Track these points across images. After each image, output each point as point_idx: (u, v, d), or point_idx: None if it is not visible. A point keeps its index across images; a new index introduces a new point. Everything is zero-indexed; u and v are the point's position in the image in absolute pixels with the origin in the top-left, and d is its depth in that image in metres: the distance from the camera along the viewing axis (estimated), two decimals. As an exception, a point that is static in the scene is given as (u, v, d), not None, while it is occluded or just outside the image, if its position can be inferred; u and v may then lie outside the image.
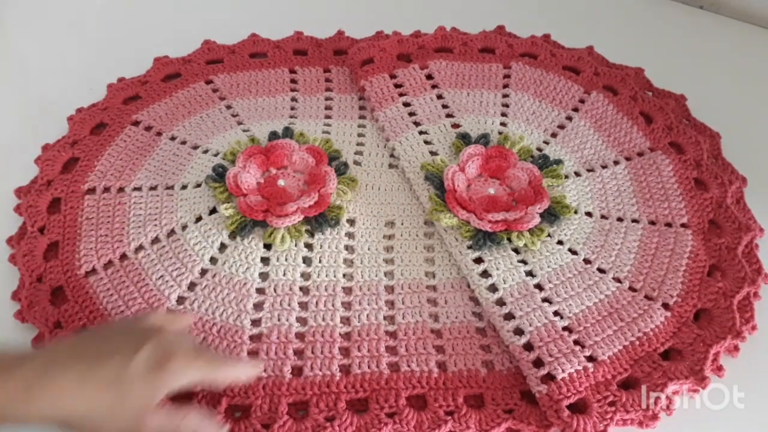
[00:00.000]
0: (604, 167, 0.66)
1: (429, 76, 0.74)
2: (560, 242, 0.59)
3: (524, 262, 0.58)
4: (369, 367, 0.52)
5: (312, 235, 0.60)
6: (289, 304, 0.56)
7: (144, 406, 0.42)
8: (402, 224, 0.62)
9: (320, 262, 0.59)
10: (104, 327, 0.49)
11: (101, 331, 0.47)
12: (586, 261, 0.59)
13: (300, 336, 0.54)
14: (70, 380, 0.40)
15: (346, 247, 0.60)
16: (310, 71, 0.76)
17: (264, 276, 0.57)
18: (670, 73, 0.76)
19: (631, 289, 0.57)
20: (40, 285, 0.57)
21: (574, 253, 0.59)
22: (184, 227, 0.60)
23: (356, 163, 0.67)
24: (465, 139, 0.66)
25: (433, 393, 0.51)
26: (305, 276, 0.58)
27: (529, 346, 0.53)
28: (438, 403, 0.51)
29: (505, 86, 0.74)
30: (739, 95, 0.76)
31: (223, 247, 0.59)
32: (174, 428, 0.43)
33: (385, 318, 0.56)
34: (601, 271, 0.58)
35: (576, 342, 0.53)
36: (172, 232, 0.60)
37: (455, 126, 0.69)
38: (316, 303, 0.56)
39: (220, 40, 0.79)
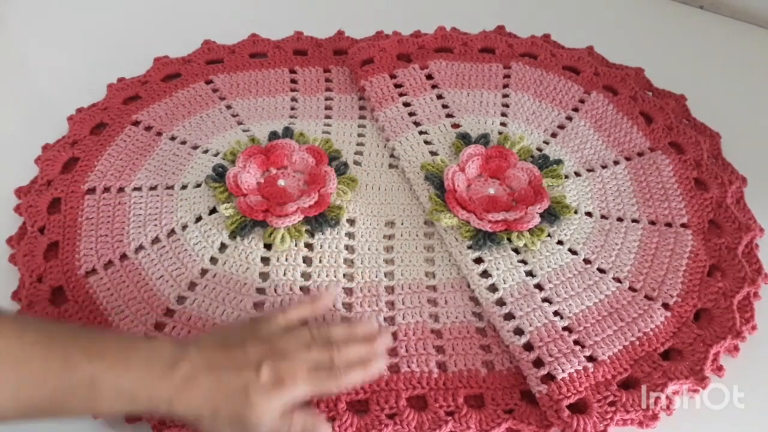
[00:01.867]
0: (604, 167, 0.66)
1: (429, 76, 0.74)
2: (560, 242, 0.59)
3: (524, 262, 0.58)
4: (369, 368, 0.52)
5: (312, 235, 0.60)
6: (289, 304, 0.56)
7: (265, 416, 0.45)
8: (402, 224, 0.62)
9: (320, 262, 0.59)
10: (232, 327, 0.51)
11: (237, 335, 0.49)
12: (586, 261, 0.59)
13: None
14: (209, 386, 0.44)
15: (347, 247, 0.60)
16: (310, 71, 0.76)
17: (264, 276, 0.57)
18: (670, 73, 0.76)
19: (631, 289, 0.57)
20: (40, 285, 0.57)
21: (574, 253, 0.59)
22: (184, 227, 0.60)
23: (356, 163, 0.67)
24: (465, 139, 0.66)
25: (434, 393, 0.51)
26: (305, 276, 0.58)
27: (529, 346, 0.53)
28: (438, 403, 0.51)
29: (505, 86, 0.74)
30: (739, 95, 0.76)
31: (223, 247, 0.59)
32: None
33: (385, 319, 0.56)
34: (601, 271, 0.58)
35: (576, 342, 0.53)
36: (172, 232, 0.60)
37: (455, 126, 0.69)
38: (316, 303, 0.56)
39: (220, 40, 0.79)
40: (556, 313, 0.55)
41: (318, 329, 0.50)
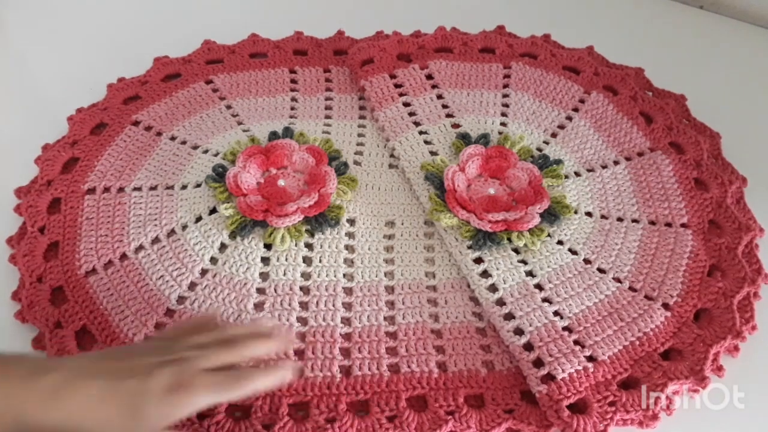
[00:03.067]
0: (604, 167, 0.66)
1: (429, 76, 0.74)
2: (560, 242, 0.59)
3: (524, 262, 0.58)
4: (369, 370, 0.52)
5: (312, 234, 0.60)
6: (289, 304, 0.56)
7: (155, 427, 0.42)
8: (402, 224, 0.62)
9: (320, 261, 0.59)
10: (129, 346, 0.49)
11: (125, 348, 0.48)
12: (586, 261, 0.59)
13: (300, 336, 0.54)
14: (90, 395, 0.41)
15: (347, 247, 0.60)
16: (310, 71, 0.76)
17: (264, 276, 0.57)
18: (670, 73, 0.76)
19: (631, 289, 0.57)
20: (40, 285, 0.57)
21: (574, 253, 0.59)
22: (184, 227, 0.60)
23: (356, 163, 0.67)
24: (465, 139, 0.66)
25: (434, 393, 0.51)
26: (305, 276, 0.58)
27: (529, 346, 0.53)
28: (438, 403, 0.51)
29: (505, 86, 0.74)
30: (739, 95, 0.76)
31: (223, 247, 0.59)
32: None
33: (385, 319, 0.56)
34: (601, 271, 0.58)
35: (576, 342, 0.53)
36: (172, 232, 0.60)
37: (455, 126, 0.69)
38: (317, 303, 0.56)
39: (220, 40, 0.79)
40: (556, 313, 0.55)
41: (216, 331, 0.48)
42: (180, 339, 0.47)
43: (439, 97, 0.72)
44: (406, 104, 0.71)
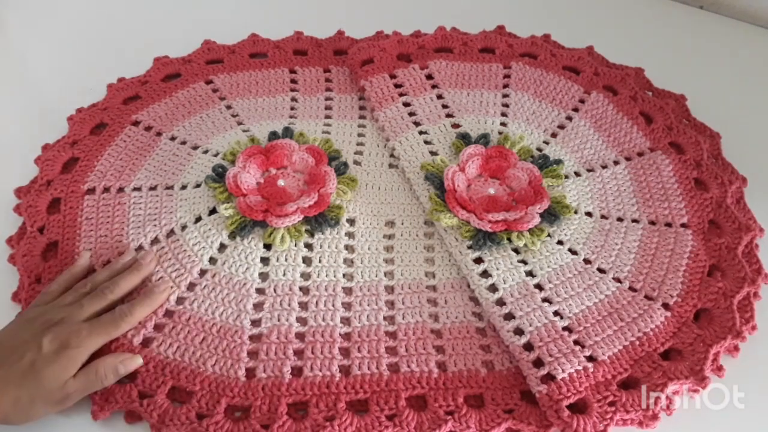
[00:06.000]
0: (604, 167, 0.66)
1: (429, 76, 0.74)
2: (560, 242, 0.59)
3: (524, 262, 0.58)
4: (369, 369, 0.52)
5: (312, 235, 0.60)
6: (289, 304, 0.56)
7: (61, 382, 0.47)
8: (402, 224, 0.62)
9: (320, 262, 0.59)
10: (6, 328, 0.52)
11: (4, 333, 0.50)
12: (586, 261, 0.59)
13: (300, 336, 0.54)
14: None
15: (346, 247, 0.60)
16: (310, 71, 0.76)
17: (264, 276, 0.57)
18: (670, 73, 0.76)
19: (631, 289, 0.57)
20: (39, 285, 0.57)
21: (574, 253, 0.59)
22: (183, 227, 0.60)
23: (356, 163, 0.67)
24: (465, 139, 0.66)
25: (433, 393, 0.51)
26: (305, 276, 0.58)
27: (529, 346, 0.53)
28: (438, 403, 0.51)
29: (505, 86, 0.74)
30: (739, 95, 0.76)
31: (222, 247, 0.59)
32: (97, 376, 0.49)
33: (385, 318, 0.55)
34: (601, 271, 0.58)
35: (576, 342, 0.53)
36: (171, 232, 0.60)
37: (455, 126, 0.69)
38: (316, 303, 0.56)
39: (220, 40, 0.79)
40: (556, 313, 0.55)
41: (81, 283, 0.54)
42: (52, 302, 0.52)
43: (439, 97, 0.72)
44: (406, 104, 0.71)
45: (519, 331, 0.53)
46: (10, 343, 0.48)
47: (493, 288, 0.56)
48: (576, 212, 0.62)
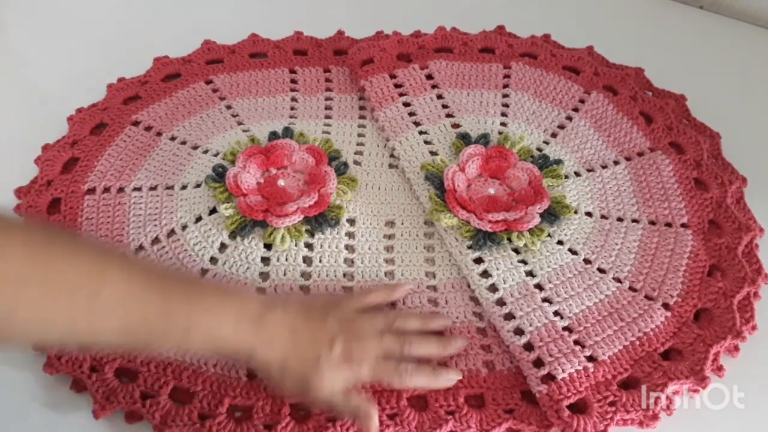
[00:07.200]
0: (604, 167, 0.66)
1: (429, 76, 0.74)
2: (560, 242, 0.59)
3: (524, 262, 0.58)
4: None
5: (312, 234, 0.60)
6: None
7: (324, 389, 0.48)
8: (402, 224, 0.62)
9: (320, 261, 0.59)
10: (318, 302, 0.53)
11: (316, 308, 0.52)
12: (586, 261, 0.59)
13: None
14: (284, 348, 0.48)
15: (347, 247, 0.60)
16: (310, 71, 0.76)
17: (264, 276, 0.57)
18: (670, 73, 0.76)
19: (631, 289, 0.57)
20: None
21: (574, 253, 0.59)
22: (184, 227, 0.60)
23: (356, 163, 0.67)
24: (465, 139, 0.66)
25: (434, 393, 0.51)
26: (305, 276, 0.58)
27: (529, 346, 0.53)
28: (439, 403, 0.51)
29: (505, 86, 0.74)
30: (739, 95, 0.76)
31: (223, 247, 0.59)
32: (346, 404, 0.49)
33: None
34: (601, 271, 0.58)
35: (576, 342, 0.53)
36: (172, 232, 0.60)
37: (455, 126, 0.69)
38: (317, 303, 0.56)
39: (220, 40, 0.79)
40: (556, 313, 0.55)
41: (394, 317, 0.53)
42: (365, 315, 0.53)
43: (439, 97, 0.72)
44: (406, 104, 0.71)
45: (519, 331, 0.53)
46: (312, 318, 0.50)
47: (493, 288, 0.56)
48: (576, 212, 0.62)
